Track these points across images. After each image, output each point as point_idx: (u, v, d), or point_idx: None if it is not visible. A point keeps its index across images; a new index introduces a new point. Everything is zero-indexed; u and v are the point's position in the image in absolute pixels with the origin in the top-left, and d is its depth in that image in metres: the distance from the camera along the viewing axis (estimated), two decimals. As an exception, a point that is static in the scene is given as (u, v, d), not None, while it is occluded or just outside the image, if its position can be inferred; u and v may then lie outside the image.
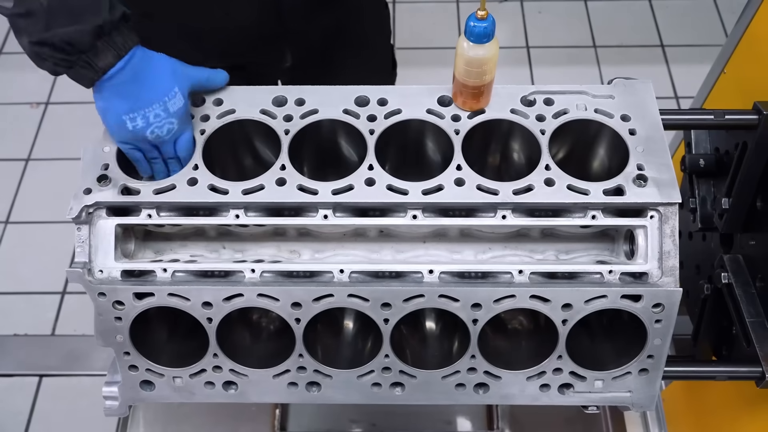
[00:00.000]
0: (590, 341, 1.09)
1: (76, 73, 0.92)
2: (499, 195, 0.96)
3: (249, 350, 1.07)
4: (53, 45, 0.88)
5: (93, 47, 0.90)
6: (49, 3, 0.87)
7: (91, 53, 0.90)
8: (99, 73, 0.92)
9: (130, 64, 0.93)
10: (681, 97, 2.60)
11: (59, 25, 0.88)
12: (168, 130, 0.97)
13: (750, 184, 1.13)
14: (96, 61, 0.91)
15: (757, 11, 1.34)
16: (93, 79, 0.92)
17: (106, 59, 0.91)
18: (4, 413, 2.03)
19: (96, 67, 0.91)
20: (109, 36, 0.91)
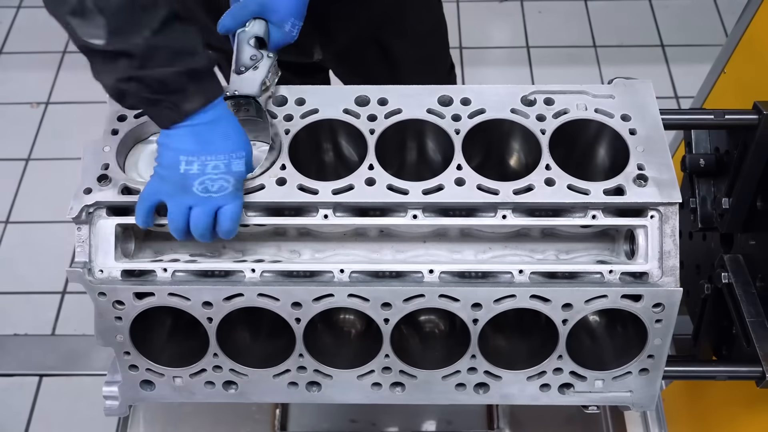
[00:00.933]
0: (590, 341, 1.09)
1: (158, 112, 0.90)
2: (500, 195, 0.96)
3: (249, 350, 1.07)
4: (143, 82, 0.87)
5: (184, 90, 0.88)
6: (147, 44, 0.85)
7: (180, 95, 0.88)
8: (182, 116, 0.90)
9: (213, 111, 0.91)
10: (681, 97, 2.60)
11: (155, 66, 0.86)
12: (220, 187, 0.91)
13: (750, 184, 1.13)
14: (183, 104, 0.89)
15: (757, 11, 1.34)
16: (174, 120, 0.90)
17: (194, 103, 0.89)
18: (4, 413, 2.03)
19: (180, 110, 0.89)
20: (200, 80, 0.89)
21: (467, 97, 1.04)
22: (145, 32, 0.85)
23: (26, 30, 2.89)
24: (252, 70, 1.01)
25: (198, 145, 0.91)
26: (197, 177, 0.91)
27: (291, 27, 1.02)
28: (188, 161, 0.91)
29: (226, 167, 0.92)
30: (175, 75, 0.87)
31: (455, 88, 1.05)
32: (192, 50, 0.89)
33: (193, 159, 0.91)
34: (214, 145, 0.92)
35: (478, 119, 1.02)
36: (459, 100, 1.04)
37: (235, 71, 1.02)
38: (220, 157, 0.91)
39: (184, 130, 0.91)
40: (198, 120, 0.91)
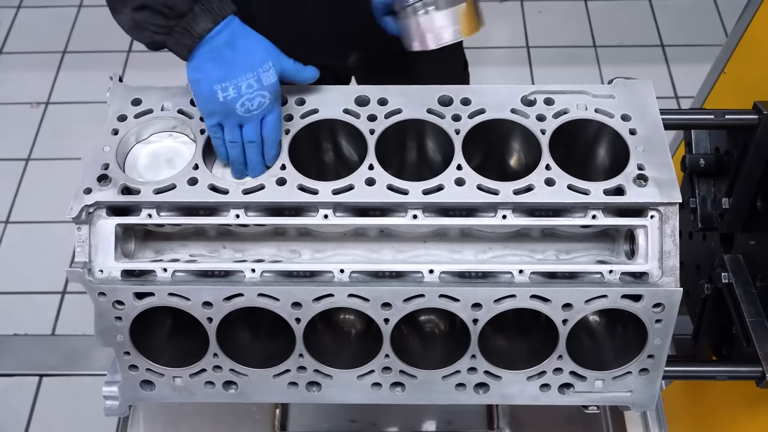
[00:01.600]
0: (591, 341, 1.09)
1: (174, 40, 0.92)
2: (500, 195, 0.96)
3: (249, 350, 1.07)
4: (152, 8, 0.89)
5: (190, 11, 0.90)
6: None
7: (189, 17, 0.90)
8: (196, 39, 0.92)
9: (227, 30, 0.93)
10: (681, 97, 2.60)
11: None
12: (259, 104, 0.96)
13: (750, 184, 1.13)
14: (193, 25, 0.91)
15: (757, 11, 1.34)
16: (190, 46, 0.92)
17: (204, 24, 0.91)
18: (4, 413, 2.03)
19: (193, 33, 0.91)
20: (206, 1, 0.91)
21: (467, 97, 1.04)
22: None
23: (26, 30, 2.89)
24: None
25: (223, 68, 0.93)
26: (237, 99, 0.95)
27: None
28: (223, 87, 0.94)
29: (258, 83, 0.95)
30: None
31: (455, 88, 1.05)
32: None
33: (227, 84, 0.94)
34: (240, 64, 0.94)
35: (478, 119, 1.02)
36: (459, 100, 1.04)
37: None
38: (248, 75, 0.94)
39: (206, 56, 0.93)
40: (215, 42, 0.93)
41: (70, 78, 2.74)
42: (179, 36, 0.92)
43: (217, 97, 0.94)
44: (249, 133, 0.98)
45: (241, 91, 0.94)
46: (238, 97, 0.94)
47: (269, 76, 0.95)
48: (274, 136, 0.99)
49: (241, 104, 0.95)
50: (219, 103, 0.95)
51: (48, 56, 2.79)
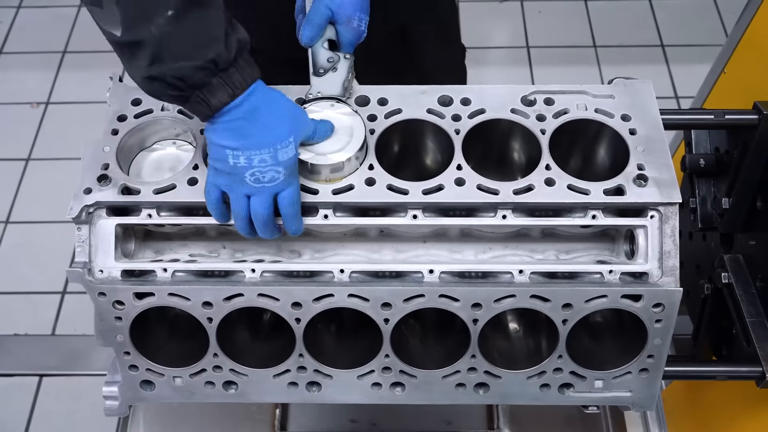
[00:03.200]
0: (590, 341, 1.09)
1: (192, 107, 0.87)
2: (500, 195, 0.96)
3: (249, 350, 1.07)
4: (164, 81, 0.83)
5: (207, 84, 0.84)
6: (159, 32, 0.80)
7: (206, 90, 0.84)
8: (213, 110, 0.86)
9: (248, 102, 0.87)
10: (681, 97, 2.60)
11: (170, 59, 0.81)
12: (272, 178, 0.89)
13: (750, 184, 1.13)
14: (210, 98, 0.85)
15: (757, 11, 1.34)
16: (207, 114, 0.87)
17: (221, 97, 0.85)
18: (4, 413, 2.03)
19: (210, 105, 0.85)
20: (225, 72, 0.84)
21: (467, 97, 1.04)
22: (159, 20, 0.80)
23: (26, 30, 2.89)
24: (331, 72, 1.02)
25: (238, 140, 0.87)
26: (247, 169, 0.88)
27: (359, 22, 1.02)
28: (234, 155, 0.88)
29: (272, 159, 0.88)
30: (195, 69, 0.82)
31: (455, 88, 1.05)
32: (212, 40, 0.83)
33: (238, 153, 0.88)
34: (256, 139, 0.88)
35: (478, 119, 1.02)
36: (459, 100, 1.04)
37: (315, 74, 1.02)
38: (264, 150, 0.88)
39: (223, 126, 0.88)
40: (233, 115, 0.87)
41: (70, 78, 2.74)
42: (196, 104, 0.86)
43: (227, 160, 0.88)
44: (257, 205, 0.91)
45: (253, 163, 0.88)
46: (248, 167, 0.88)
47: (287, 151, 0.89)
48: (292, 211, 0.93)
49: (251, 174, 0.88)
50: (228, 165, 0.89)
51: (48, 56, 2.79)
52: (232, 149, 0.88)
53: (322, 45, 1.03)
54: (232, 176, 0.90)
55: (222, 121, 0.87)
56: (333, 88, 1.02)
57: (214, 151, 0.90)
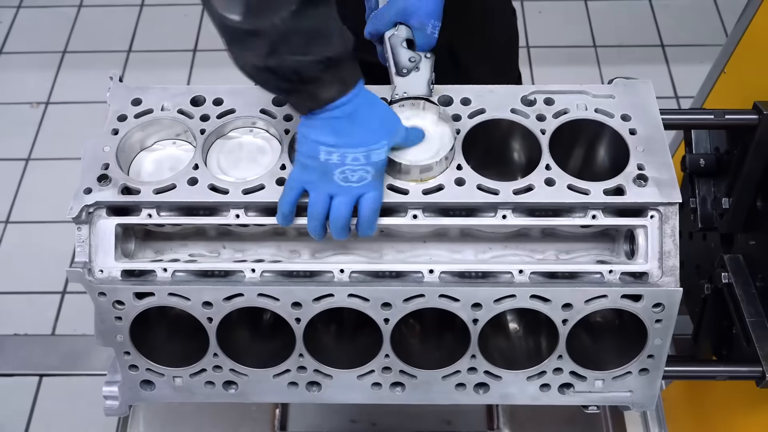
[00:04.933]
0: (590, 341, 1.09)
1: (296, 99, 0.88)
2: (500, 195, 0.96)
3: (249, 350, 1.07)
4: (277, 72, 0.84)
5: (319, 79, 0.85)
6: (283, 25, 0.81)
7: (317, 84, 0.86)
8: (320, 104, 0.87)
9: (351, 102, 0.88)
10: (681, 97, 2.60)
11: (288, 52, 0.83)
12: (360, 178, 0.90)
13: (750, 184, 1.13)
14: (319, 93, 0.86)
15: (757, 11, 1.34)
16: (311, 108, 0.88)
17: (330, 92, 0.87)
18: (4, 413, 2.03)
19: (318, 99, 0.87)
20: (337, 68, 0.86)
21: (467, 97, 1.04)
22: (283, 12, 0.81)
23: (26, 30, 2.89)
24: (414, 72, 1.02)
25: (337, 137, 0.89)
26: (338, 167, 0.89)
27: (432, 29, 1.02)
28: (328, 152, 0.89)
29: (365, 159, 0.90)
30: (310, 64, 0.84)
31: (455, 88, 1.05)
32: (328, 35, 0.85)
33: (333, 150, 0.89)
34: (353, 138, 0.89)
35: (478, 119, 1.02)
36: (459, 100, 1.04)
37: (398, 74, 1.02)
38: (359, 149, 0.89)
39: (323, 122, 0.89)
40: (337, 113, 0.88)
41: (70, 78, 2.74)
42: (302, 98, 0.88)
43: (318, 156, 0.89)
44: (340, 205, 0.92)
45: (345, 161, 0.89)
46: (340, 164, 0.89)
47: (379, 153, 0.90)
48: (371, 216, 0.93)
49: (341, 171, 0.90)
50: (319, 162, 0.90)
51: (48, 56, 2.79)
52: (327, 146, 0.89)
53: (401, 45, 1.03)
54: (321, 173, 0.90)
55: (322, 117, 0.88)
56: (418, 88, 1.02)
57: (306, 146, 0.90)
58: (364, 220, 0.93)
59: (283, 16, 0.81)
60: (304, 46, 0.83)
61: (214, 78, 2.65)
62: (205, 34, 2.82)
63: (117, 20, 2.87)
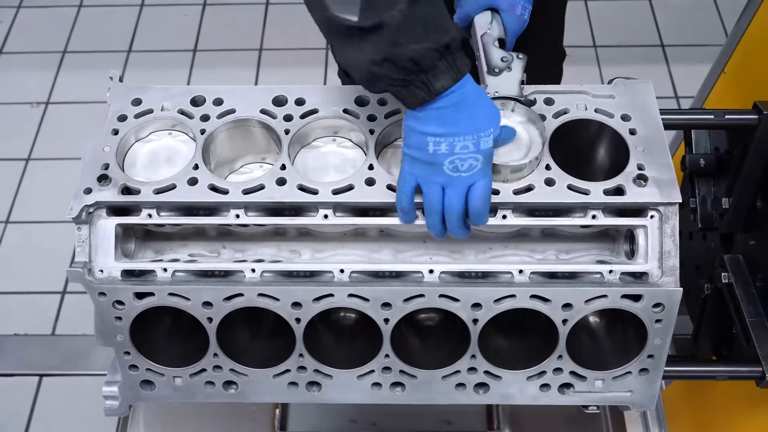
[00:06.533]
0: (590, 341, 1.09)
1: (409, 93, 0.87)
2: (500, 195, 0.96)
3: (249, 350, 1.07)
4: (396, 63, 0.84)
5: (435, 67, 0.85)
6: (401, 16, 0.81)
7: (432, 73, 0.85)
8: (433, 95, 0.87)
9: (461, 91, 0.88)
10: (681, 97, 2.60)
11: (408, 41, 0.83)
12: (470, 166, 0.89)
13: (750, 184, 1.13)
14: (434, 82, 0.86)
15: (757, 11, 1.34)
16: (424, 100, 0.87)
17: (444, 81, 0.86)
18: (4, 413, 2.03)
19: (432, 89, 0.86)
20: (452, 56, 0.86)
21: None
22: (400, 4, 0.81)
23: (26, 30, 2.89)
24: (506, 72, 1.02)
25: (444, 127, 0.88)
26: (447, 156, 0.89)
27: (522, 10, 1.02)
28: (436, 142, 0.88)
29: (474, 146, 0.89)
30: (428, 51, 0.83)
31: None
32: (443, 22, 0.85)
33: (440, 140, 0.88)
34: (461, 126, 0.88)
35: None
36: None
37: (489, 73, 1.02)
38: (467, 137, 0.88)
39: (432, 114, 0.88)
40: (445, 102, 0.87)
41: (70, 78, 2.74)
42: (415, 89, 0.86)
43: (427, 148, 0.89)
44: (452, 198, 0.91)
45: (454, 150, 0.88)
46: (449, 154, 0.89)
47: (487, 141, 0.89)
48: (482, 205, 0.91)
49: (450, 161, 0.89)
50: (427, 153, 0.89)
51: (48, 56, 2.79)
52: (435, 136, 0.88)
53: (493, 44, 1.03)
54: (430, 165, 0.90)
55: (431, 108, 0.88)
56: (510, 88, 1.02)
57: (414, 138, 0.90)
58: (475, 210, 0.92)
59: (401, 8, 0.82)
60: (423, 35, 0.83)
61: (214, 78, 2.66)
62: (205, 34, 2.82)
63: (117, 20, 2.87)
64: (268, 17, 2.88)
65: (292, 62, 2.72)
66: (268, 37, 2.82)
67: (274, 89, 1.06)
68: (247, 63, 2.73)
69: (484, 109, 0.91)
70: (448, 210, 0.92)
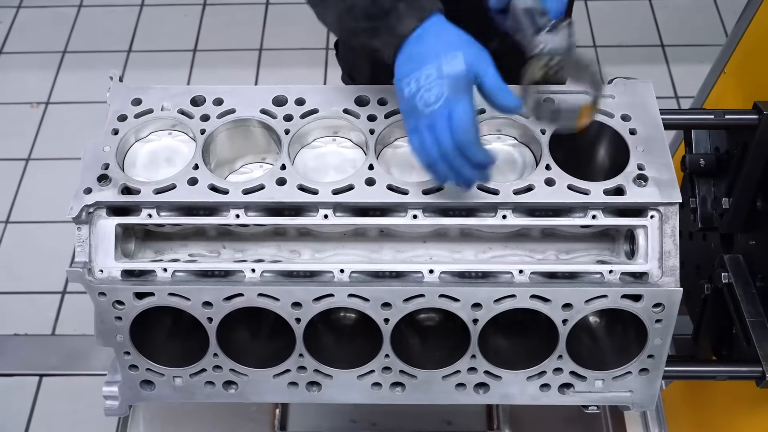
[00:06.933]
0: (591, 341, 1.09)
1: (381, 42, 0.89)
2: (500, 195, 0.96)
3: (249, 350, 1.07)
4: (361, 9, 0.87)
5: (395, 8, 0.86)
6: None
7: (394, 15, 0.86)
8: (400, 37, 0.87)
9: (423, 28, 0.87)
10: (681, 97, 2.60)
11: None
12: (437, 95, 0.84)
13: (750, 184, 1.13)
14: (398, 25, 0.87)
15: (757, 11, 1.34)
16: (394, 45, 0.88)
17: (408, 22, 0.86)
18: (4, 413, 2.03)
19: (397, 31, 0.87)
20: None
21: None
22: None
23: (26, 30, 2.89)
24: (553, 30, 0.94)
25: (412, 62, 0.87)
26: (417, 93, 0.86)
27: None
28: (406, 83, 0.87)
29: (437, 71, 0.84)
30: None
31: None
32: None
33: (409, 79, 0.86)
34: (425, 56, 0.86)
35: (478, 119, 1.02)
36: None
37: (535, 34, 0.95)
38: (429, 66, 0.85)
39: (402, 57, 0.88)
40: (409, 43, 0.87)
41: (70, 78, 2.74)
42: (384, 36, 0.88)
43: (404, 95, 0.87)
44: (436, 138, 0.86)
45: (420, 82, 0.85)
46: (417, 90, 0.85)
47: (453, 65, 0.84)
48: (465, 136, 0.85)
49: (420, 97, 0.85)
50: (405, 101, 0.87)
51: (48, 56, 2.79)
52: (404, 77, 0.87)
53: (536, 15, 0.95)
54: (412, 112, 0.87)
55: (401, 52, 0.88)
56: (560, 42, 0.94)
57: (397, 90, 0.89)
58: (461, 143, 0.85)
59: None
60: None
61: (214, 78, 2.66)
62: (205, 34, 2.83)
63: (117, 20, 2.88)
64: (268, 17, 2.88)
65: (292, 62, 2.72)
66: (268, 37, 2.82)
67: (274, 89, 1.06)
68: (247, 63, 2.73)
69: (449, 36, 0.87)
70: (440, 152, 0.86)
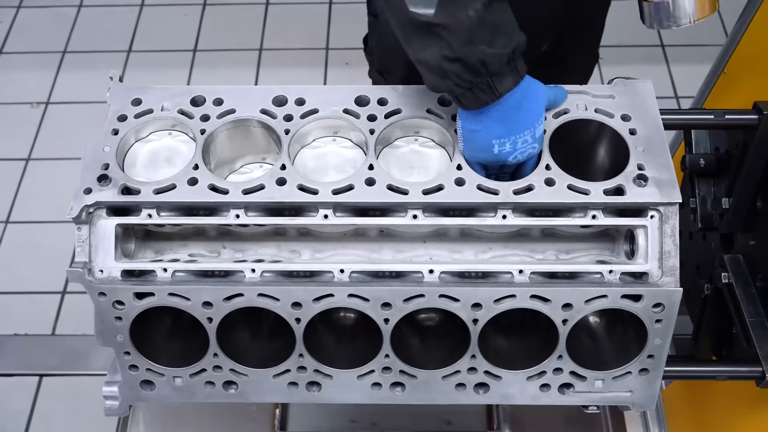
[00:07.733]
0: (591, 341, 1.09)
1: (472, 95, 0.90)
2: (500, 195, 0.96)
3: (249, 350, 1.07)
4: (466, 63, 0.86)
5: (501, 72, 0.88)
6: (476, 16, 0.84)
7: (497, 77, 0.88)
8: (496, 97, 0.90)
9: (520, 90, 0.91)
10: (681, 97, 2.60)
11: (479, 43, 0.85)
12: (529, 155, 0.97)
13: (750, 184, 1.13)
14: (498, 85, 0.89)
15: (757, 11, 1.34)
16: (486, 102, 0.90)
17: (507, 84, 0.89)
18: (4, 413, 2.03)
19: (495, 92, 0.89)
20: (517, 60, 0.89)
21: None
22: (475, 4, 0.84)
23: (26, 30, 2.89)
24: None
25: (507, 127, 0.93)
26: (511, 153, 0.95)
27: None
28: (501, 143, 0.94)
29: (532, 138, 0.95)
30: (497, 55, 0.86)
31: None
32: (513, 29, 0.88)
33: (505, 140, 0.94)
34: (521, 124, 0.93)
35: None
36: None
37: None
38: (527, 132, 0.94)
39: (495, 115, 0.92)
40: (507, 104, 0.91)
41: (70, 78, 2.74)
42: (479, 92, 0.89)
43: (492, 150, 0.95)
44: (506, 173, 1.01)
45: (517, 146, 0.94)
46: (513, 150, 0.95)
47: (542, 127, 0.96)
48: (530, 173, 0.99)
49: (513, 157, 0.96)
50: (493, 154, 0.95)
51: (48, 56, 2.79)
52: (499, 137, 0.93)
53: None
54: (494, 162, 0.97)
55: (493, 110, 0.91)
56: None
57: (478, 142, 0.95)
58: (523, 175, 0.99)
59: (477, 9, 0.84)
60: (493, 38, 0.86)
61: (214, 78, 2.66)
62: (205, 34, 2.83)
63: (117, 20, 2.88)
64: (268, 17, 2.88)
65: (292, 62, 2.72)
66: (268, 37, 2.82)
67: (274, 89, 1.06)
68: (247, 63, 2.73)
69: (538, 101, 0.95)
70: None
